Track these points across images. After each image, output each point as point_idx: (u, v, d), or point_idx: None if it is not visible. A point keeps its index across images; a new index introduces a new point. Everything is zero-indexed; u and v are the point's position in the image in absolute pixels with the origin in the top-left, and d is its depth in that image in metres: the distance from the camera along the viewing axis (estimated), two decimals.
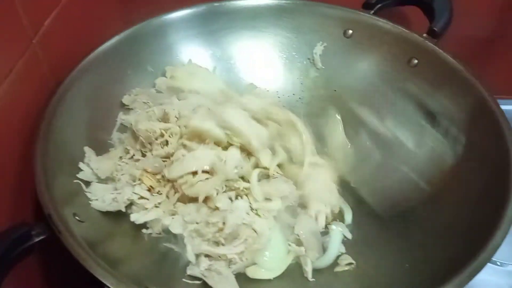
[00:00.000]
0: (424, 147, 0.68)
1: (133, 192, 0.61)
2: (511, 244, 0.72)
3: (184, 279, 0.57)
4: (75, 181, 0.60)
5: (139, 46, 0.75)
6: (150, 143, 0.66)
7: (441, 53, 0.72)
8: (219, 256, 0.57)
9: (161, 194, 0.62)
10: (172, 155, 0.64)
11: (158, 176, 0.64)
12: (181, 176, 0.61)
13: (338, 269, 0.62)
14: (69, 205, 0.55)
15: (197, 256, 0.58)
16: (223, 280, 0.56)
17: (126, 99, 0.73)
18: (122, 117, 0.72)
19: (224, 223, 0.58)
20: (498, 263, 0.72)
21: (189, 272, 0.57)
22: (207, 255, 0.57)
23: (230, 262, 0.57)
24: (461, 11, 0.77)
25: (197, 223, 0.59)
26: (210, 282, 0.56)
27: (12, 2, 0.55)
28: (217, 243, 0.58)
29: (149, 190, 0.63)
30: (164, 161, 0.64)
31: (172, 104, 0.70)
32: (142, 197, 0.61)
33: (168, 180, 0.63)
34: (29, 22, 0.59)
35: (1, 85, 0.54)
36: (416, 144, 0.69)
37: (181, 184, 0.61)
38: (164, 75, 0.78)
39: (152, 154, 0.65)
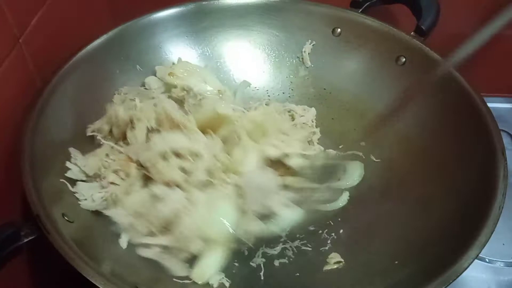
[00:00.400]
0: None
1: (109, 182, 0.61)
2: (499, 241, 0.74)
3: (174, 279, 0.57)
4: (61, 180, 0.60)
5: (127, 45, 0.75)
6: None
7: (428, 51, 0.73)
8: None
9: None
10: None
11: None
12: (150, 159, 0.60)
13: (327, 267, 0.62)
14: (58, 205, 0.55)
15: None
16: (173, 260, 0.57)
17: (116, 99, 0.73)
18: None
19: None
20: (487, 260, 0.72)
21: (142, 254, 0.57)
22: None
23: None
24: (447, 8, 0.78)
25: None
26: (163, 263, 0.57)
27: None
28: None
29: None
30: None
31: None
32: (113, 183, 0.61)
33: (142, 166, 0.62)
34: (15, 21, 0.58)
35: None
36: None
37: (149, 168, 0.60)
38: (153, 74, 0.77)
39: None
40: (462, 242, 0.52)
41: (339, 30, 0.80)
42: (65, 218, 0.54)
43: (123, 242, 0.58)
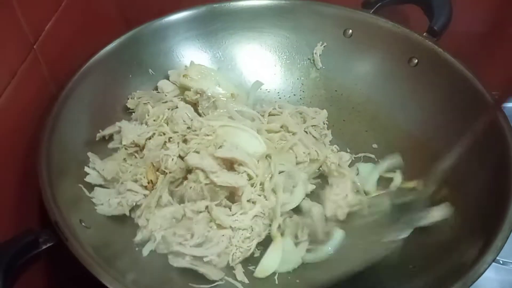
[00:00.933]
0: None
1: (127, 189, 0.61)
2: None
3: (190, 283, 0.57)
4: (78, 185, 0.60)
5: (139, 49, 0.75)
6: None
7: (441, 52, 0.72)
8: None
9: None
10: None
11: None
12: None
13: None
14: (75, 211, 0.55)
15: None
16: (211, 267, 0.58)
17: (130, 103, 0.73)
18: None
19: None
20: (501, 262, 0.72)
21: (175, 264, 0.58)
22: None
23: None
24: (459, 8, 0.77)
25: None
26: (200, 270, 0.57)
27: (12, 8, 0.55)
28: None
29: (148, 183, 0.63)
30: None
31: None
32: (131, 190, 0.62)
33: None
34: (29, 27, 0.59)
35: (4, 91, 0.54)
36: None
37: (210, 173, 0.61)
38: (165, 77, 0.78)
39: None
40: (477, 247, 0.52)
41: (350, 31, 0.80)
42: (83, 224, 0.55)
43: (146, 250, 0.59)
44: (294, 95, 0.83)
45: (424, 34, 0.75)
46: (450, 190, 0.64)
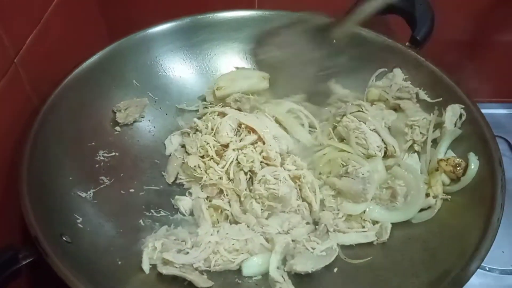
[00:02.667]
0: None
1: None
2: (499, 248, 0.74)
3: None
4: (61, 199, 0.60)
5: (123, 61, 0.75)
6: None
7: (423, 61, 0.73)
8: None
9: None
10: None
11: None
12: None
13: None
14: (56, 225, 0.55)
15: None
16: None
17: (119, 117, 0.73)
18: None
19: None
20: (487, 268, 0.72)
21: (164, 271, 0.57)
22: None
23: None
24: (442, 17, 0.78)
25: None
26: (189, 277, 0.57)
27: None
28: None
29: None
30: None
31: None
32: None
33: None
34: (10, 42, 0.59)
35: None
36: None
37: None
38: (150, 89, 0.78)
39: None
40: (462, 255, 0.53)
41: (333, 41, 0.80)
42: (64, 238, 0.54)
43: (145, 264, 0.58)
44: None
45: (407, 43, 0.76)
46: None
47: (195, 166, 0.68)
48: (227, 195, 0.67)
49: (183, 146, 0.74)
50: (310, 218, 0.66)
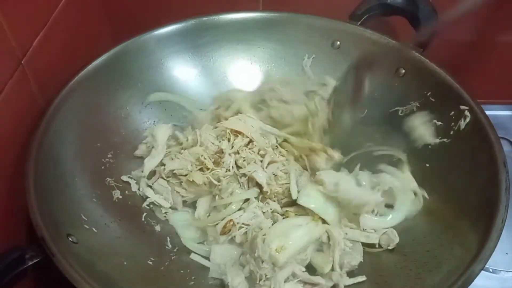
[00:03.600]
0: None
1: None
2: (503, 250, 0.74)
3: None
4: (67, 200, 0.60)
5: (128, 63, 0.75)
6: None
7: (427, 62, 0.73)
8: None
9: None
10: None
11: None
12: None
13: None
14: (63, 226, 0.55)
15: None
16: None
17: (140, 151, 0.74)
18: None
19: None
20: (491, 270, 0.72)
21: None
22: None
23: None
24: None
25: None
26: None
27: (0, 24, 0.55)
28: None
29: None
30: None
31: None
32: None
33: None
34: (17, 43, 0.59)
35: None
36: None
37: None
38: (155, 90, 0.78)
39: None
40: (466, 257, 0.53)
41: (338, 42, 0.81)
42: (70, 239, 0.54)
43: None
44: None
45: (410, 45, 0.76)
46: (439, 199, 0.64)
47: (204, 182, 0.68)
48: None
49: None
50: None
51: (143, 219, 0.68)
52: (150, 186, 0.71)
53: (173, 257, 0.64)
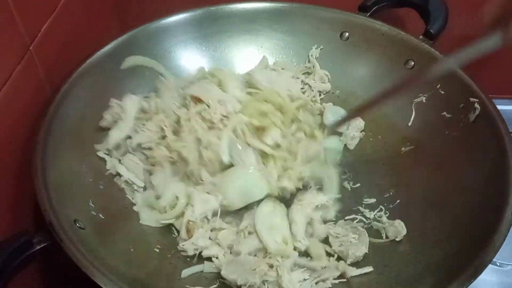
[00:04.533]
0: None
1: None
2: (510, 244, 0.73)
3: (187, 285, 0.57)
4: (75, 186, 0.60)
5: (136, 51, 0.75)
6: None
7: (437, 54, 0.73)
8: None
9: None
10: None
11: None
12: None
13: None
14: (70, 212, 0.55)
15: None
16: None
17: (106, 122, 0.70)
18: None
19: None
20: (498, 264, 0.72)
21: None
22: None
23: None
24: (455, 11, 0.78)
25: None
26: None
27: (9, 10, 0.55)
28: None
29: None
30: None
31: None
32: None
33: None
34: (25, 29, 0.59)
35: None
36: None
37: None
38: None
39: None
40: (475, 248, 0.52)
41: (347, 34, 0.80)
42: (77, 225, 0.54)
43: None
44: None
45: (420, 37, 0.76)
46: (447, 192, 0.64)
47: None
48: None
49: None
50: None
51: None
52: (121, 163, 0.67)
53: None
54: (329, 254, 0.63)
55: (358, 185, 0.72)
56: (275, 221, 0.63)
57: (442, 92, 0.72)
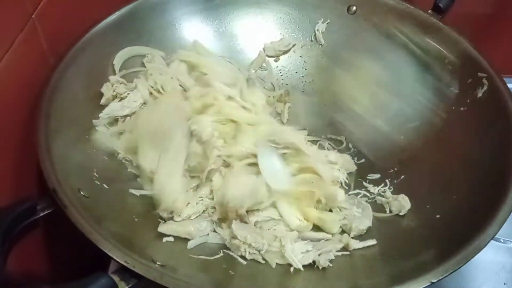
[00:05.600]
0: None
1: None
2: None
3: (191, 255, 0.57)
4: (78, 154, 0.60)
5: (139, 23, 0.74)
6: None
7: (446, 29, 0.72)
8: None
9: None
10: None
11: None
12: None
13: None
14: (74, 180, 0.54)
15: None
16: None
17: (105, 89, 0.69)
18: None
19: None
20: (502, 240, 0.72)
21: None
22: None
23: None
24: None
25: None
26: None
27: None
28: None
29: None
30: None
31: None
32: None
33: None
34: None
35: (1, 60, 0.53)
36: None
37: None
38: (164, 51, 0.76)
39: None
40: (479, 221, 0.52)
41: (354, 8, 0.79)
42: (81, 193, 0.54)
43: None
44: (296, 72, 0.82)
45: (429, 11, 0.74)
46: (453, 168, 0.64)
47: None
48: None
49: None
50: None
51: None
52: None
53: None
54: None
55: (362, 160, 0.72)
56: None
57: (450, 67, 0.71)
